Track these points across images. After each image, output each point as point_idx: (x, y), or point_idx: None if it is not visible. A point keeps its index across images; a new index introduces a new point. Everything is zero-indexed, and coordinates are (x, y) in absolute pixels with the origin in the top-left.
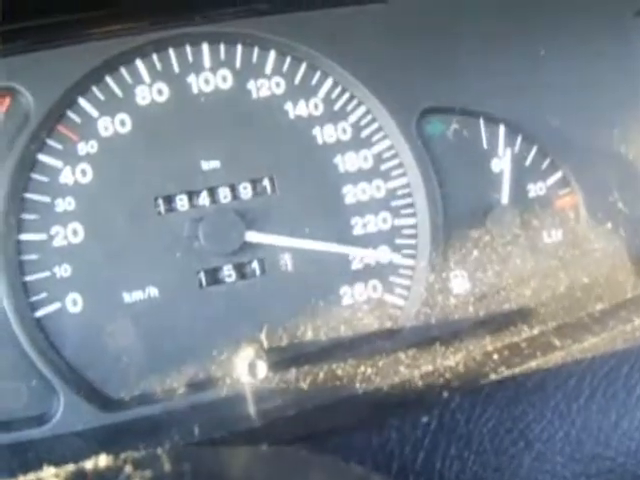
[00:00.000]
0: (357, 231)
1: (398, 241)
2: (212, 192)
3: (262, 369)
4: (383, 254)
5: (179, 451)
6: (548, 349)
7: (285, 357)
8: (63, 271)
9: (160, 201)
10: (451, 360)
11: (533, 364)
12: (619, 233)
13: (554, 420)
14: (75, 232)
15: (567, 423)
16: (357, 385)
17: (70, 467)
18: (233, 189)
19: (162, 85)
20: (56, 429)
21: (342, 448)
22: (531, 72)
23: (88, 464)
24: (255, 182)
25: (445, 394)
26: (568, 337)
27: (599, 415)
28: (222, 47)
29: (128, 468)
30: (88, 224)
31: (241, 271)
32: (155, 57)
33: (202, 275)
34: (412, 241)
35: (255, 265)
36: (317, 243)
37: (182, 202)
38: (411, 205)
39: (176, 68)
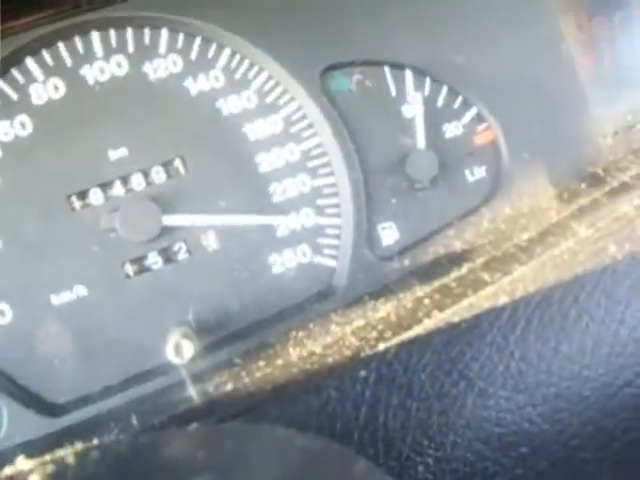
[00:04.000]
0: (277, 198)
1: (320, 202)
2: (124, 181)
3: (188, 349)
4: (307, 217)
5: (109, 445)
6: (478, 285)
7: (216, 334)
8: None
9: (73, 198)
10: (381, 311)
11: (465, 303)
12: (538, 160)
13: (492, 355)
14: None
15: (506, 356)
16: (290, 350)
17: None
18: (145, 175)
19: (57, 80)
20: (3, 442)
21: (283, 416)
22: (428, 13)
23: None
24: (166, 164)
25: (380, 346)
26: (497, 271)
27: (537, 343)
28: (112, 33)
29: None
30: (3, 232)
31: (166, 256)
32: (45, 53)
33: (128, 266)
34: (334, 200)
35: (179, 248)
36: (238, 217)
37: (96, 195)
38: (328, 164)
39: (68, 61)
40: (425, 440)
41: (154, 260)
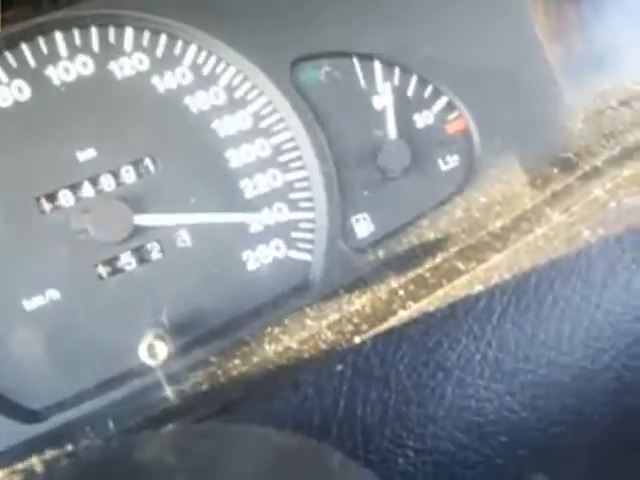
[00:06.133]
0: (249, 194)
1: (292, 196)
2: (94, 182)
3: (162, 350)
4: (280, 212)
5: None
6: (453, 275)
7: (191, 333)
8: None
9: (42, 200)
10: (357, 304)
11: (440, 293)
12: (510, 147)
13: (469, 344)
14: None
15: (483, 345)
16: (266, 347)
17: None
18: (115, 175)
19: (21, 83)
20: None
21: (261, 413)
22: (395, 2)
23: None
24: (136, 164)
25: (356, 339)
26: (471, 259)
27: (514, 331)
28: (76, 32)
29: None
30: None
31: (140, 256)
32: (8, 55)
33: (101, 267)
34: (307, 194)
35: (152, 247)
36: (210, 215)
37: (66, 197)
38: (299, 158)
39: (32, 63)
40: (404, 432)
41: (127, 261)
